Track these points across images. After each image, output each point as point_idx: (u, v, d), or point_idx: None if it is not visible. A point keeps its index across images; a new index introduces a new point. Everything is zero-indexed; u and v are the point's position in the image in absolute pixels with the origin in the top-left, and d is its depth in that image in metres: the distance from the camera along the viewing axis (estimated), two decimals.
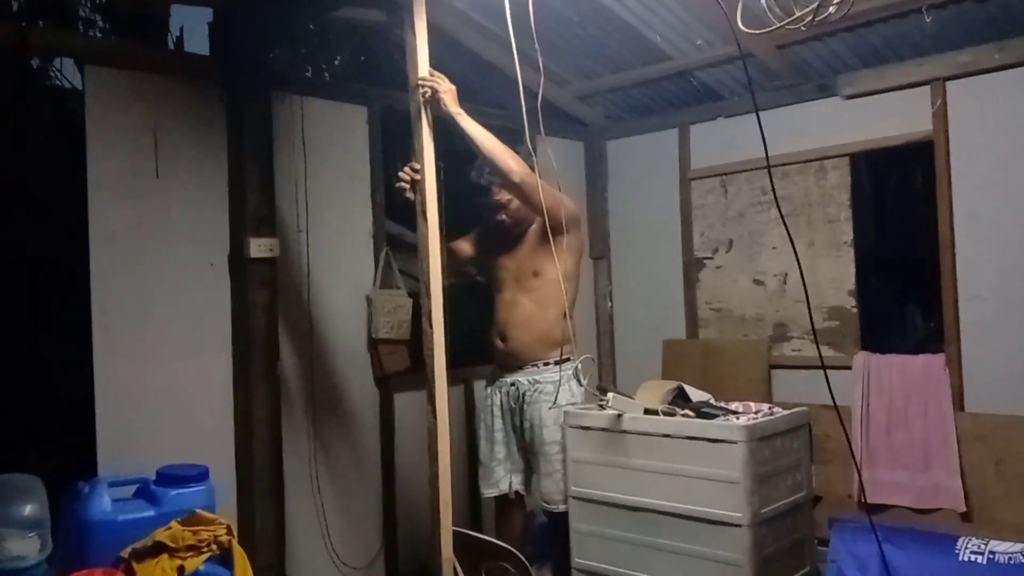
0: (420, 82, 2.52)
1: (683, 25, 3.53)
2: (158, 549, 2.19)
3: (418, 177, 2.54)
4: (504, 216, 3.09)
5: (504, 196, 3.03)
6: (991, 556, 2.54)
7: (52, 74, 4.08)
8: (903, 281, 3.99)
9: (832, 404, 2.71)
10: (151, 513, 2.33)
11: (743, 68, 3.73)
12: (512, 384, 3.10)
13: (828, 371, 2.49)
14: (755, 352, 4.00)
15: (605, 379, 4.37)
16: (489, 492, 3.17)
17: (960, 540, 2.64)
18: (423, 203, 2.52)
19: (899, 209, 3.98)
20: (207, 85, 3.06)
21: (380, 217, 3.58)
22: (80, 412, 2.74)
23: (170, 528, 2.24)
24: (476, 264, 3.46)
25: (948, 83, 3.43)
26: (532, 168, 2.84)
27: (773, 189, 2.51)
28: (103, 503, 2.30)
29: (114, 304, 2.80)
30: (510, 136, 3.05)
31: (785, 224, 2.70)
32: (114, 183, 2.83)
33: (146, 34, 3.73)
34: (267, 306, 3.09)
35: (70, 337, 2.82)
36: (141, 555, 2.18)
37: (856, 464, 3.32)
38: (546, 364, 3.07)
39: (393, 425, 3.56)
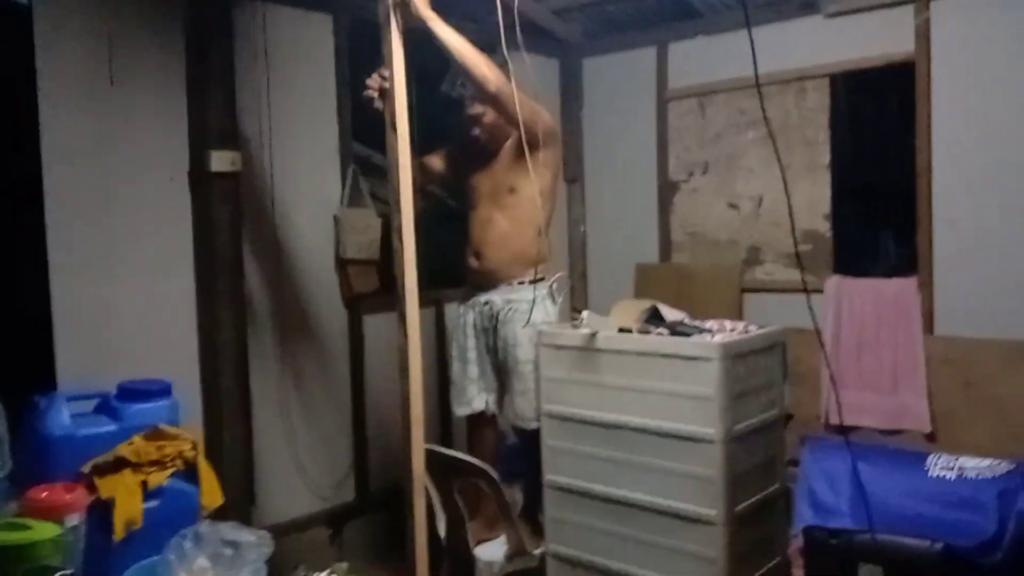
0: None
1: None
2: (120, 464, 2.15)
3: (387, 85, 2.43)
4: (478, 130, 3.00)
5: (478, 109, 2.93)
6: (960, 472, 2.57)
7: None
8: (878, 206, 3.96)
9: (805, 327, 2.71)
10: (112, 428, 2.27)
11: None
12: (486, 303, 3.06)
13: (801, 294, 2.47)
14: (727, 276, 3.99)
15: (577, 302, 4.34)
16: (462, 411, 3.15)
17: (930, 457, 2.67)
18: (392, 113, 2.41)
19: (878, 133, 3.93)
20: None
21: (347, 134, 3.46)
22: (38, 329, 2.65)
23: (132, 443, 2.19)
24: (447, 182, 3.38)
25: (932, 2, 3.36)
26: (508, 79, 2.74)
27: (763, 108, 2.45)
28: (62, 417, 2.23)
29: (70, 218, 2.69)
30: (486, 52, 2.93)
31: (775, 142, 2.63)
32: (66, 93, 2.69)
33: None
34: (230, 222, 2.99)
35: (26, 252, 2.70)
36: (103, 469, 2.13)
37: (833, 385, 3.33)
38: (520, 283, 3.02)
39: (363, 346, 3.51)
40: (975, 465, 2.58)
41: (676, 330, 2.63)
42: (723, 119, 3.98)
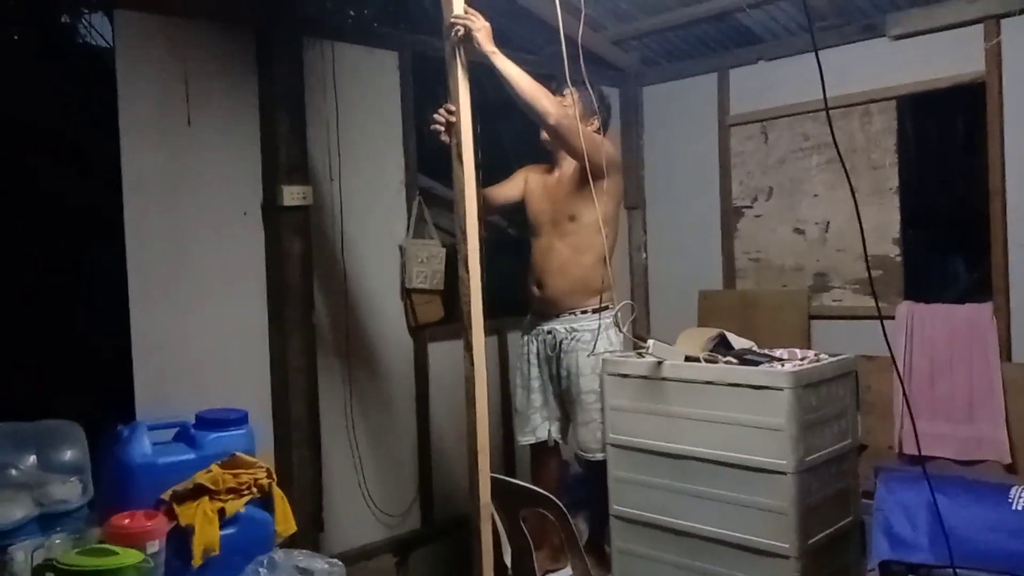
0: (454, 20, 2.45)
1: None
2: (199, 491, 2.20)
3: (453, 119, 2.48)
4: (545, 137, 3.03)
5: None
6: None
7: (82, 31, 4.05)
8: (948, 230, 3.88)
9: (874, 354, 2.65)
10: (191, 456, 2.33)
11: (786, 8, 3.62)
12: (549, 332, 3.07)
13: (871, 321, 2.42)
14: (794, 302, 3.93)
15: (639, 331, 4.32)
16: (525, 440, 3.16)
17: (1013, 489, 2.58)
18: (459, 145, 2.45)
19: (946, 155, 3.86)
20: (237, 30, 3.00)
21: (412, 166, 3.52)
22: (118, 359, 2.75)
23: (210, 471, 2.24)
24: (508, 212, 3.41)
25: (1003, 21, 3.29)
26: (589, 114, 2.77)
27: (832, 132, 2.39)
28: (143, 446, 2.30)
29: (149, 251, 2.79)
30: (544, 83, 2.97)
31: (844, 166, 2.60)
32: (145, 130, 2.79)
33: None
34: (301, 255, 3.06)
35: (107, 284, 2.81)
36: (182, 497, 2.19)
37: (910, 413, 3.24)
38: (583, 312, 3.03)
39: (427, 375, 3.54)
40: None
41: (745, 358, 2.60)
42: (786, 144, 3.94)
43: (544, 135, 3.04)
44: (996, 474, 3.25)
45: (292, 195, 3.00)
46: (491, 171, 3.38)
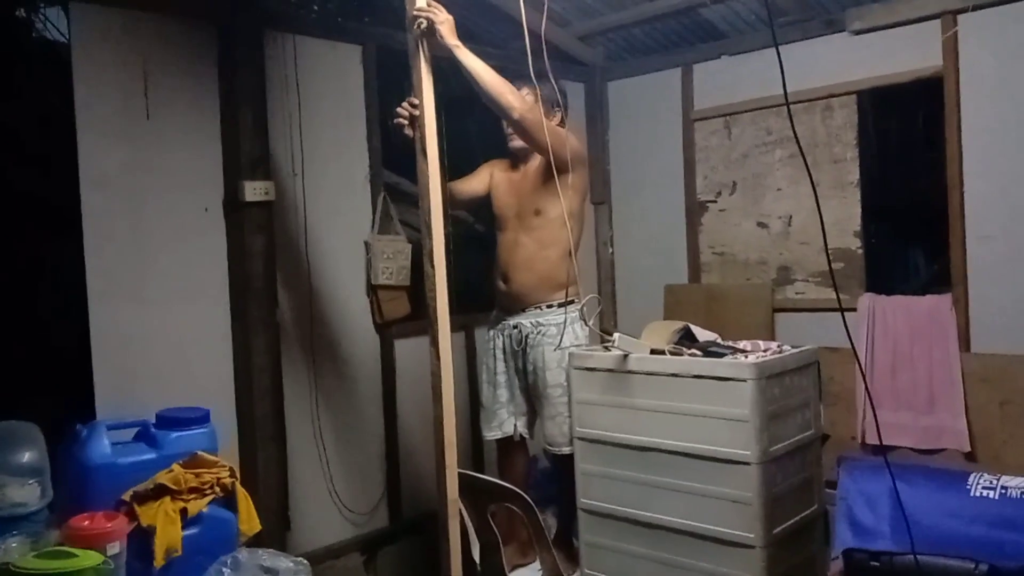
0: (416, 12, 2.43)
1: None
2: (160, 492, 2.17)
3: (416, 113, 2.46)
4: (515, 144, 3.03)
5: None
6: (1003, 491, 2.52)
7: (39, 24, 3.97)
8: (909, 222, 3.93)
9: (837, 346, 2.66)
10: (152, 456, 2.29)
11: (748, 4, 3.65)
12: (515, 327, 3.07)
13: (834, 313, 2.44)
14: (758, 296, 3.97)
15: (606, 325, 4.34)
16: (491, 435, 3.15)
17: (971, 476, 2.63)
18: (423, 139, 2.44)
19: (906, 148, 3.91)
20: (197, 24, 2.96)
21: (377, 161, 3.50)
22: (76, 357, 2.70)
23: (172, 471, 2.21)
24: (474, 207, 3.40)
25: (959, 16, 3.35)
26: (549, 107, 2.77)
27: (793, 127, 2.42)
28: (103, 446, 2.26)
29: (109, 248, 2.74)
30: (510, 77, 2.96)
31: (805, 160, 2.63)
32: (104, 126, 2.74)
33: None
34: (264, 251, 3.03)
35: (66, 282, 2.75)
36: (143, 498, 2.15)
37: (871, 404, 3.29)
38: (549, 306, 3.03)
39: (394, 372, 3.52)
40: (1018, 484, 2.54)
41: (709, 351, 2.62)
42: (749, 139, 3.98)
43: (513, 140, 3.04)
44: (956, 462, 3.32)
45: (254, 191, 2.97)
46: (457, 165, 3.36)
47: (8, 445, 2.33)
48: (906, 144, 3.90)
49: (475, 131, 3.87)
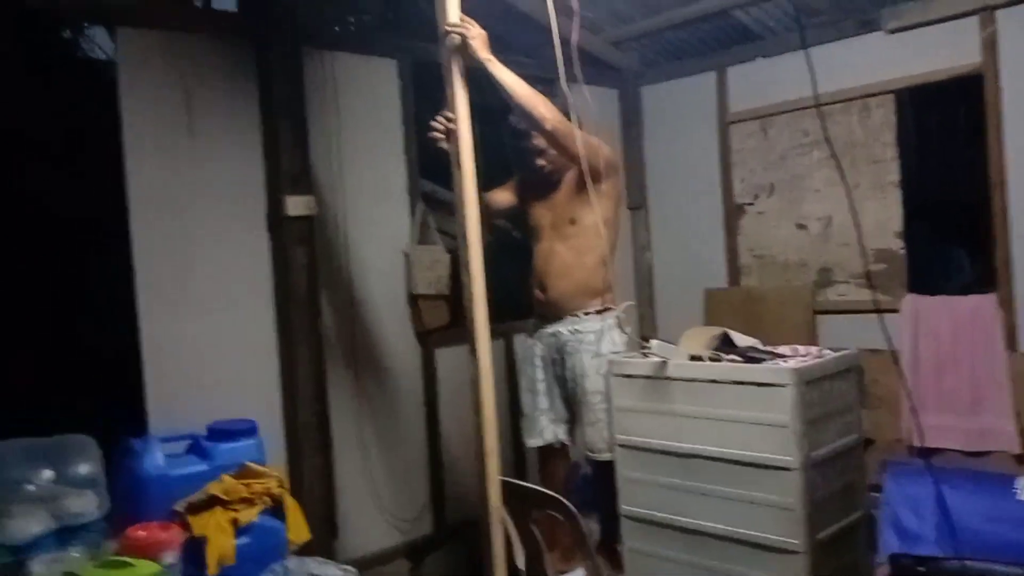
0: (449, 28, 2.47)
1: None
2: (212, 502, 2.23)
3: (452, 126, 2.50)
4: (543, 161, 3.05)
5: (542, 141, 2.98)
6: None
7: (83, 45, 4.09)
8: (951, 221, 3.88)
9: (880, 348, 2.65)
10: (203, 467, 2.36)
11: (782, 5, 3.63)
12: (553, 334, 3.09)
13: (877, 315, 2.43)
14: (799, 298, 3.94)
15: (646, 330, 4.34)
16: (533, 442, 3.18)
17: (1018, 480, 2.59)
18: (458, 152, 2.48)
19: (947, 147, 3.86)
20: (237, 42, 3.04)
21: (414, 172, 3.55)
22: (129, 372, 2.78)
23: (222, 481, 2.27)
24: (511, 215, 3.43)
25: (998, 12, 3.30)
26: (568, 115, 2.78)
27: (824, 128, 2.41)
28: (156, 459, 2.33)
29: (156, 263, 2.83)
30: (542, 85, 2.98)
31: (838, 163, 2.60)
32: (149, 143, 2.83)
33: None
34: (306, 263, 3.09)
35: (116, 298, 2.84)
36: (195, 508, 2.22)
37: (911, 406, 3.24)
38: (587, 314, 3.05)
39: (436, 380, 3.57)
40: None
41: (748, 356, 2.61)
42: (786, 140, 3.96)
43: (539, 161, 3.05)
44: (1006, 464, 3.26)
45: (296, 205, 3.03)
46: (493, 174, 3.39)
47: (65, 457, 2.42)
48: (946, 142, 3.85)
49: (510, 140, 3.90)
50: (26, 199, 3.15)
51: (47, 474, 2.37)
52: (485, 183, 3.15)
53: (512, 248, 3.72)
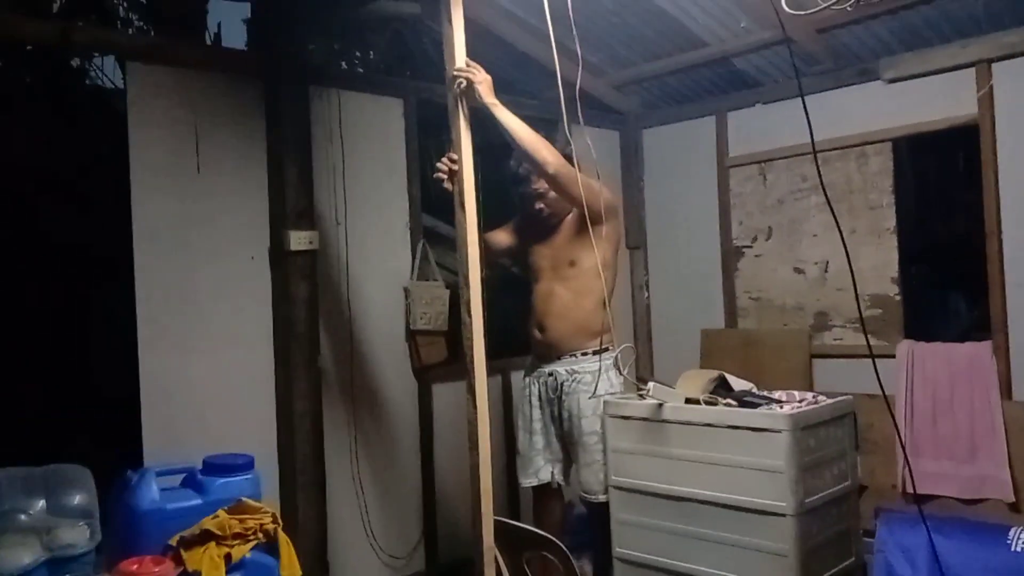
0: (456, 72, 2.51)
1: (720, 10, 3.48)
2: (206, 537, 2.23)
3: (456, 168, 2.54)
4: (542, 204, 3.09)
5: (542, 185, 3.02)
6: None
7: (92, 73, 4.16)
8: (947, 268, 3.91)
9: (877, 393, 2.65)
10: (198, 502, 2.36)
11: (782, 53, 3.69)
12: (550, 374, 3.10)
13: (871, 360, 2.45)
14: (795, 341, 3.96)
15: (643, 370, 4.35)
16: (528, 482, 3.17)
17: (1012, 530, 2.59)
18: (461, 193, 2.51)
19: (943, 195, 3.91)
20: (245, 80, 3.09)
21: (416, 209, 3.59)
22: (125, 403, 2.79)
23: (217, 516, 2.27)
24: (512, 255, 3.46)
25: (994, 65, 3.36)
26: (570, 157, 2.82)
27: (819, 175, 2.46)
28: (152, 492, 2.33)
29: (158, 297, 2.84)
30: (545, 126, 3.03)
31: (832, 209, 2.65)
32: (156, 178, 2.87)
33: (185, 30, 3.78)
34: (307, 298, 3.11)
35: (116, 329, 2.86)
36: (189, 543, 2.22)
37: (904, 453, 3.25)
38: (584, 354, 3.06)
39: (432, 416, 3.57)
40: None
41: (744, 401, 2.63)
42: (785, 185, 4.00)
43: (539, 205, 3.09)
44: (1000, 513, 3.26)
45: (299, 240, 3.07)
46: (493, 213, 3.43)
47: (59, 487, 2.42)
48: (943, 190, 3.90)
49: (511, 179, 3.94)
50: (30, 232, 3.18)
51: (40, 504, 2.37)
52: (485, 222, 3.19)
53: (510, 283, 3.75)
